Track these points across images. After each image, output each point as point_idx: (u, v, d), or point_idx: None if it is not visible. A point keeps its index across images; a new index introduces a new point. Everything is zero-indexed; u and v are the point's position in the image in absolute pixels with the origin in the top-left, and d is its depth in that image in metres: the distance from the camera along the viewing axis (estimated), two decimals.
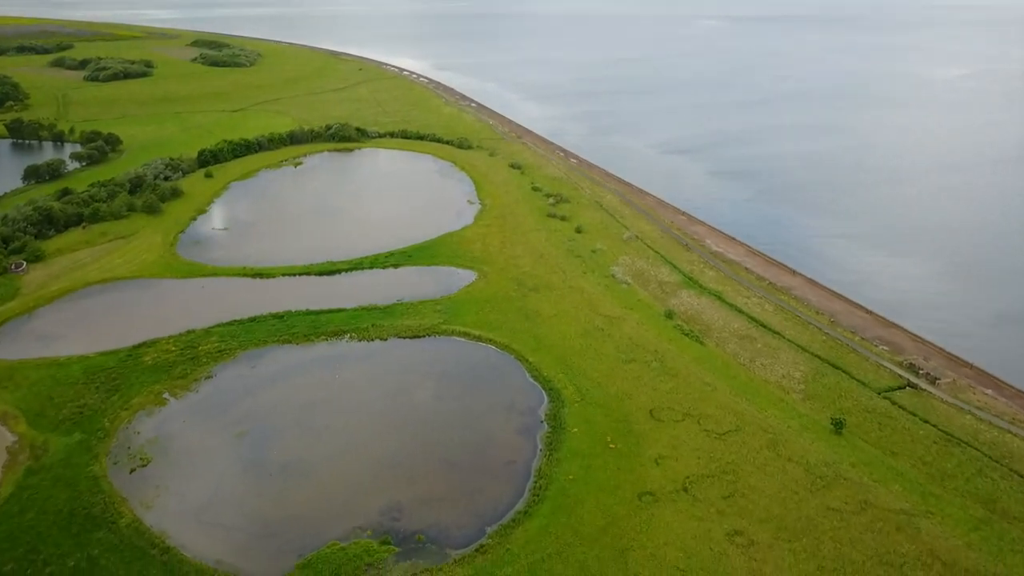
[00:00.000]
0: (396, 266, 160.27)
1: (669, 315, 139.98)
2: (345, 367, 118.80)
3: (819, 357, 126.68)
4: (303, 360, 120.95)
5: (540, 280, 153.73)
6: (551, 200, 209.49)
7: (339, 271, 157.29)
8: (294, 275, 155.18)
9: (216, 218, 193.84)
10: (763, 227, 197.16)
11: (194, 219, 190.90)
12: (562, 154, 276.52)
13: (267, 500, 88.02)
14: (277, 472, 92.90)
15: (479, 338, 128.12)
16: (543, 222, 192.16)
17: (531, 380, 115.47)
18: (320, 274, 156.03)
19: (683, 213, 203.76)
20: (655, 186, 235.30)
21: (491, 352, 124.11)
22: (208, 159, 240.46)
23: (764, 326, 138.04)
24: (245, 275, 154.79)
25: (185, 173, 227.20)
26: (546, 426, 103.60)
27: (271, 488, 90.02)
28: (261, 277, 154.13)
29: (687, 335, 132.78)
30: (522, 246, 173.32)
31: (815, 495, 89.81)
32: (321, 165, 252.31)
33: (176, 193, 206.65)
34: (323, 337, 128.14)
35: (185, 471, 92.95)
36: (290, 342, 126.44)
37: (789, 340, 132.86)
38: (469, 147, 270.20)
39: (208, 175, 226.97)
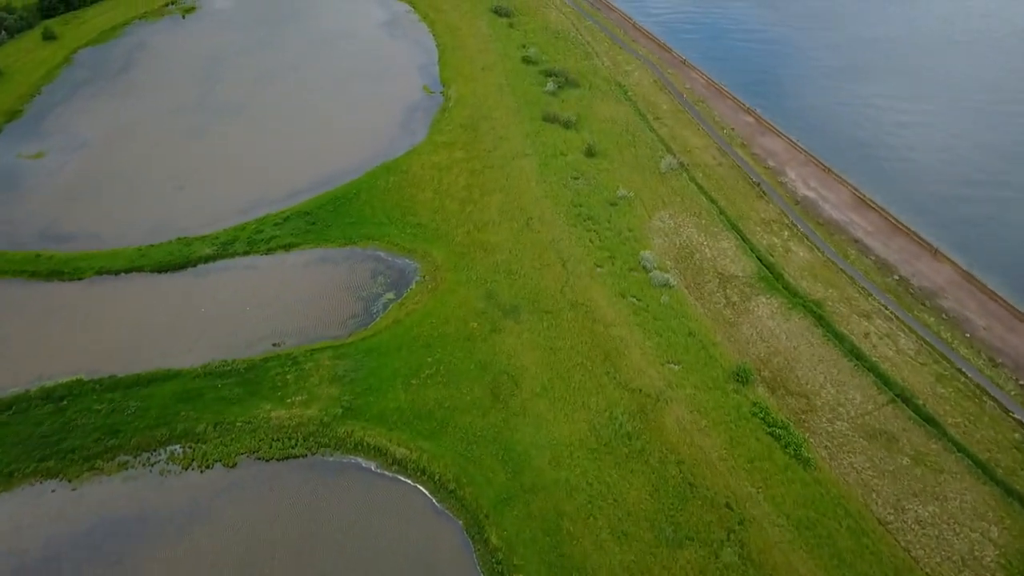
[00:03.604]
0: (288, 247, 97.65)
1: (742, 378, 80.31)
2: (139, 556, 62.43)
3: (1019, 496, 69.51)
4: (63, 539, 64.14)
5: (524, 284, 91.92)
6: (551, 83, 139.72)
7: (192, 262, 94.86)
8: (116, 273, 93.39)
9: (31, 128, 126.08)
10: (873, 139, 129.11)
11: None
12: None
13: None
14: None
15: (402, 464, 69.93)
16: (537, 133, 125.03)
17: None
18: (160, 269, 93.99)
19: (749, 111, 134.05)
20: (702, 50, 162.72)
21: (420, 509, 66.35)
22: (56, 3, 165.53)
23: (907, 401, 79.08)
24: (36, 274, 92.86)
25: (13, 32, 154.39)
26: None
27: None
28: (60, 278, 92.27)
29: (777, 437, 74.41)
30: (500, 196, 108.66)
31: None
32: (221, 10, 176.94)
33: None
34: (121, 457, 70.44)
35: None
36: (57, 474, 68.82)
37: (956, 441, 74.70)
38: None
39: (48, 35, 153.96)
